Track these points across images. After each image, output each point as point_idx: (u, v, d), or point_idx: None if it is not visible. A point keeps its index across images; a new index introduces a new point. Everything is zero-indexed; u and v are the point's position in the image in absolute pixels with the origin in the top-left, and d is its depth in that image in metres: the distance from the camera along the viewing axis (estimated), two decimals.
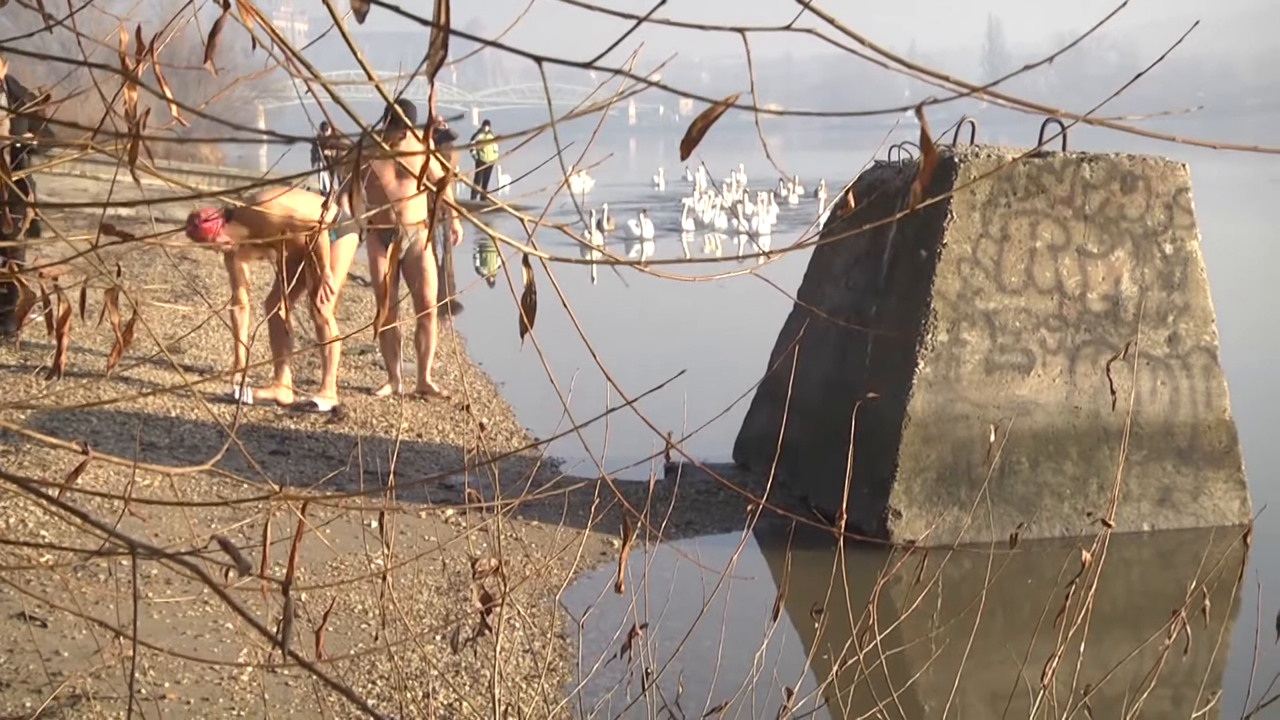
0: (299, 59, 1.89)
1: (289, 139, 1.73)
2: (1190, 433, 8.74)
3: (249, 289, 11.39)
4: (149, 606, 6.38)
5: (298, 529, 2.23)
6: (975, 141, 9.20)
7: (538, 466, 7.05)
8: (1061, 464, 8.51)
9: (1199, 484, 8.72)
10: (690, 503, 9.08)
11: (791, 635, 6.33)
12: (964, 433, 8.37)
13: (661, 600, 4.59)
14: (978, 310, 8.44)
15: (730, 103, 1.70)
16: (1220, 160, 46.66)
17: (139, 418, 9.91)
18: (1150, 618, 7.11)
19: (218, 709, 5.48)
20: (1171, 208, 8.73)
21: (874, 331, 8.74)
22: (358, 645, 6.29)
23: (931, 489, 8.31)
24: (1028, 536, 8.21)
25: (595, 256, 2.37)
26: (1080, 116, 1.84)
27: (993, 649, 5.93)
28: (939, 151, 8.72)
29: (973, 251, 8.44)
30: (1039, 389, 8.51)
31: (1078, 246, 8.58)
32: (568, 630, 6.87)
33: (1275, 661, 3.13)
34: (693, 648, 4.15)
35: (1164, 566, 8.19)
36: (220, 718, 5.42)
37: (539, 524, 8.36)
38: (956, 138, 9.24)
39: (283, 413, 10.63)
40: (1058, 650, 3.45)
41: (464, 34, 1.65)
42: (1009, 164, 8.38)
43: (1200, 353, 8.76)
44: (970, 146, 8.97)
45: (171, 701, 5.48)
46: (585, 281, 19.56)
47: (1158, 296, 8.68)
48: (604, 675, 5.37)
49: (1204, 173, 10.36)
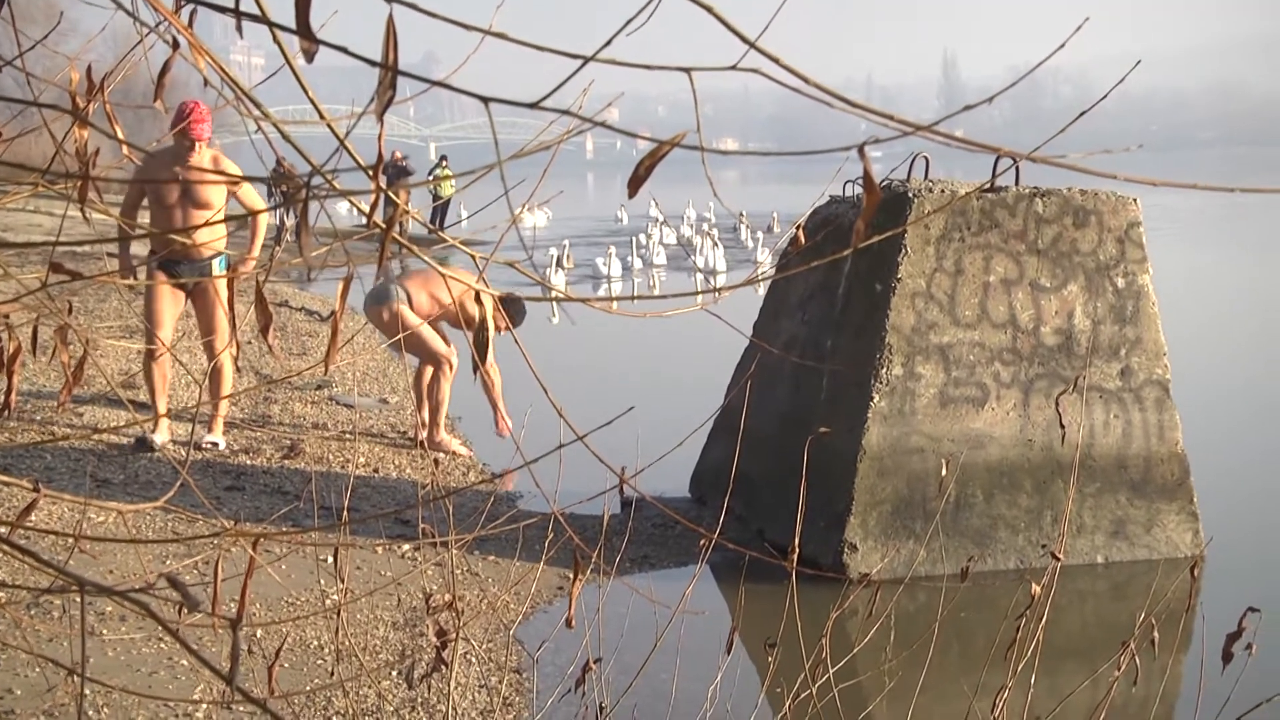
0: (249, 97, 1.90)
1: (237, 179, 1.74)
2: (1143, 465, 8.80)
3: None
4: (103, 644, 6.33)
5: (249, 565, 2.23)
6: (930, 176, 9.26)
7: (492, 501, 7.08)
8: (1016, 497, 8.55)
9: (1152, 516, 8.77)
10: (647, 536, 9.08)
11: (747, 668, 6.34)
12: (919, 466, 8.41)
13: (616, 634, 4.60)
14: (932, 344, 8.48)
15: (676, 142, 1.72)
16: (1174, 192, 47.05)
17: (93, 454, 9.86)
18: (1104, 649, 7.12)
19: None
20: (1123, 242, 8.80)
21: (829, 366, 8.78)
22: (313, 681, 6.26)
23: (887, 522, 8.34)
24: (983, 569, 8.25)
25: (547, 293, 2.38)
26: (1024, 155, 1.87)
27: (947, 681, 5.95)
28: (894, 186, 8.80)
29: (927, 286, 8.49)
30: (993, 422, 8.56)
31: (1031, 280, 8.64)
32: (523, 665, 6.85)
33: (1224, 691, 3.16)
34: (648, 682, 4.15)
35: (1117, 598, 8.23)
36: None
37: (495, 559, 8.35)
38: (910, 173, 9.30)
39: (238, 448, 10.59)
40: (1008, 682, 3.47)
41: (412, 75, 1.66)
42: (962, 198, 8.43)
43: (1153, 386, 8.83)
44: (924, 181, 9.02)
45: None
46: (543, 319, 19.60)
47: (1110, 330, 8.75)
48: (559, 710, 5.37)
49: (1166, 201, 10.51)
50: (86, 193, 1.78)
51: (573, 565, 3.02)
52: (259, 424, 11.55)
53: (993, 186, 8.60)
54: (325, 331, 17.30)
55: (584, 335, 18.62)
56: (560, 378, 2.36)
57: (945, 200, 8.50)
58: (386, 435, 11.67)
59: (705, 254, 30.06)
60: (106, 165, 2.03)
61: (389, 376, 14.68)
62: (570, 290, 25.48)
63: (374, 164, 1.82)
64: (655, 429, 4.05)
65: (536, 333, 10.64)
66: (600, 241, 37.96)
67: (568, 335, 18.84)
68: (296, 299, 20.17)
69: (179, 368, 12.34)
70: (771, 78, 1.70)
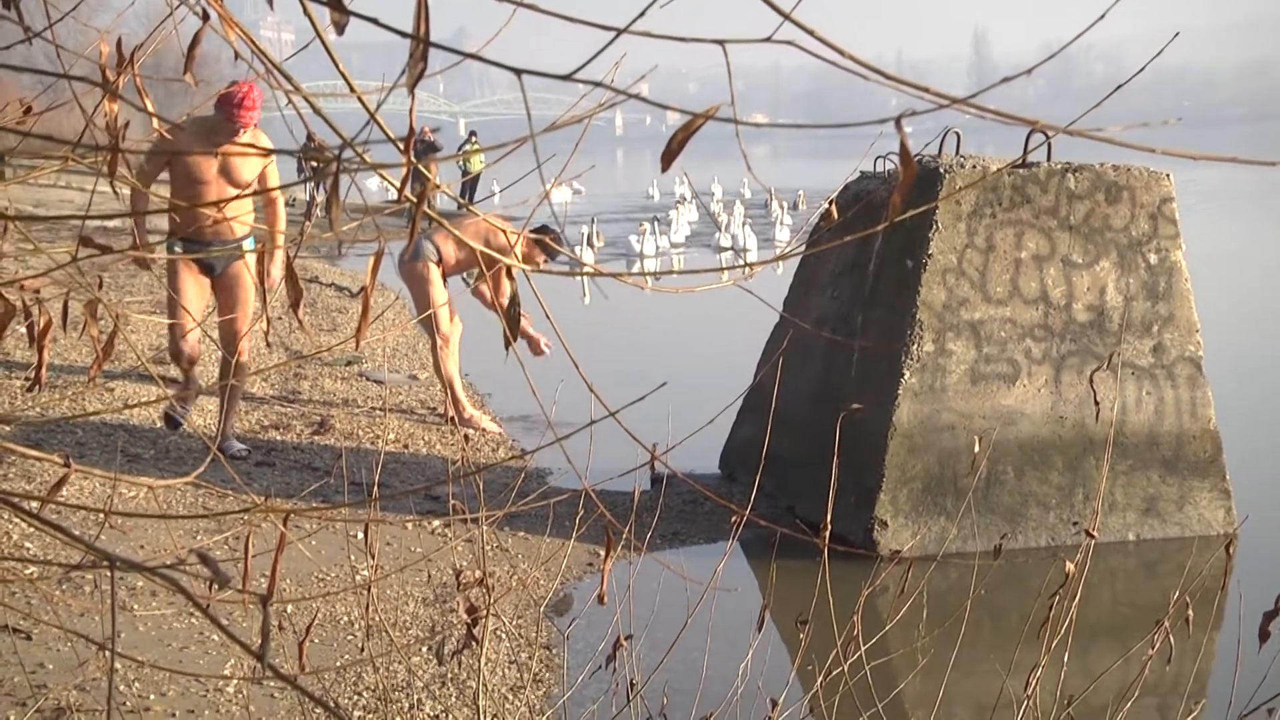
0: (280, 70, 1.89)
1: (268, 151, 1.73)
2: (1175, 442, 8.76)
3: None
4: (134, 619, 6.36)
5: (280, 541, 2.22)
6: (961, 152, 9.22)
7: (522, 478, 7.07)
8: (1047, 474, 8.52)
9: (1184, 494, 8.73)
10: (677, 513, 9.08)
11: (778, 646, 6.33)
12: (950, 443, 8.38)
13: (647, 611, 4.59)
14: (963, 321, 8.44)
15: (711, 115, 1.70)
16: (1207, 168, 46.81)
17: (124, 429, 9.89)
18: (1136, 627, 7.11)
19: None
20: (1156, 218, 8.74)
21: (859, 343, 8.75)
22: (343, 657, 6.27)
23: (918, 499, 8.32)
24: (1014, 546, 8.23)
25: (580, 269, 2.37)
26: (1060, 128, 1.84)
27: (979, 659, 5.93)
28: (925, 162, 8.76)
29: (958, 262, 8.45)
30: (1024, 399, 8.52)
31: (1063, 257, 8.59)
32: (554, 641, 6.86)
33: (1260, 670, 3.13)
34: (679, 658, 4.14)
35: (1149, 576, 8.20)
36: None
37: (525, 535, 8.35)
38: (942, 148, 9.26)
39: (269, 423, 10.61)
40: (1041, 660, 3.45)
41: (444, 46, 1.65)
42: (994, 174, 8.39)
43: (1185, 363, 8.78)
44: (956, 157, 8.98)
45: (156, 714, 5.46)
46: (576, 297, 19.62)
47: (1142, 307, 8.70)
48: (590, 686, 5.37)
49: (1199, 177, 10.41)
50: (116, 166, 1.77)
51: (604, 541, 3.01)
52: (289, 400, 11.57)
53: (1024, 162, 8.55)
54: (355, 307, 17.32)
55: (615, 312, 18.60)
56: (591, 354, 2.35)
57: (977, 176, 8.45)
58: (416, 411, 11.68)
59: (735, 231, 29.80)
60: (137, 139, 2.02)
61: (419, 353, 14.69)
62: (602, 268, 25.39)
63: (404, 138, 1.81)
64: (686, 406, 4.04)
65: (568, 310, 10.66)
66: (631, 218, 37.86)
67: (599, 312, 18.84)
68: (326, 275, 20.20)
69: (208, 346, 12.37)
70: (806, 49, 1.68)
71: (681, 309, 18.38)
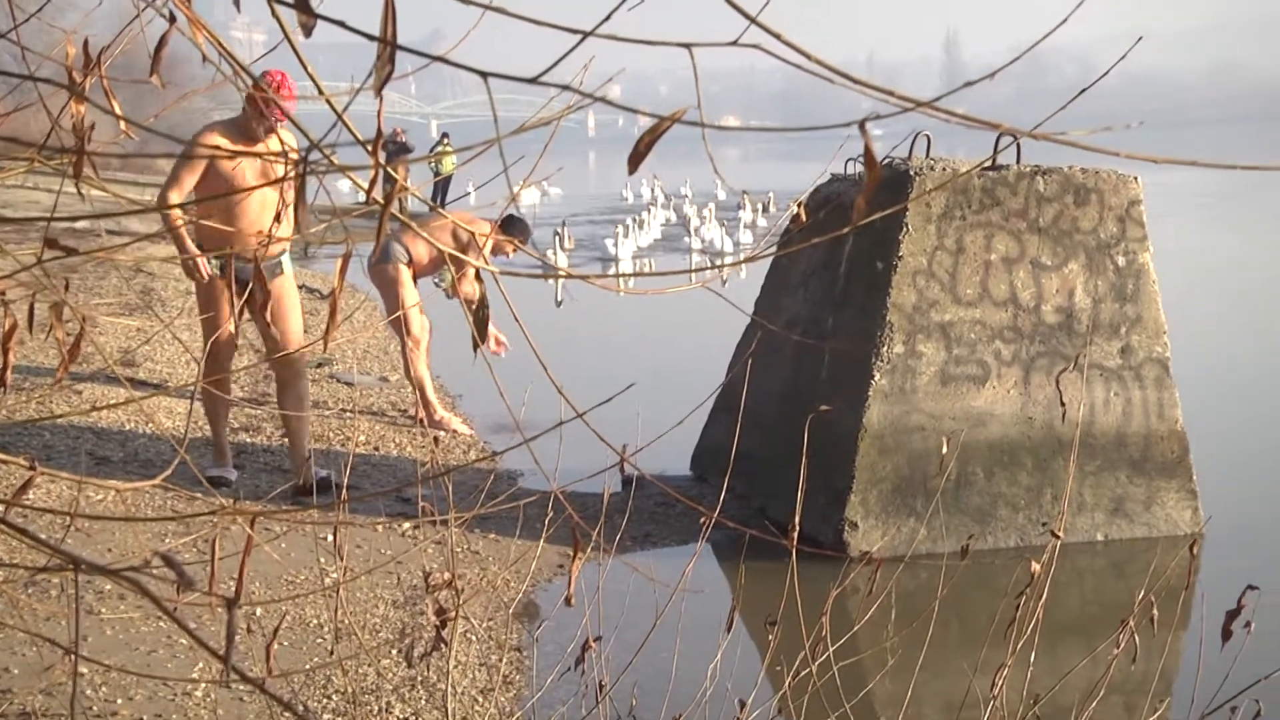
0: (247, 72, 1.89)
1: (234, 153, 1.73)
2: (1143, 443, 8.80)
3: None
4: (102, 623, 6.33)
5: (247, 543, 2.22)
6: (931, 154, 9.25)
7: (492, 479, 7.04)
8: (1016, 475, 8.55)
9: (1151, 494, 8.77)
10: (649, 515, 9.08)
11: (748, 646, 6.34)
12: (920, 444, 8.40)
13: (617, 613, 4.59)
14: (933, 322, 8.47)
15: (676, 118, 1.71)
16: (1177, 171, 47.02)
17: (92, 432, 9.85)
18: (1103, 627, 7.12)
19: None
20: (1124, 220, 8.78)
21: (830, 344, 8.77)
22: (312, 660, 6.26)
23: (888, 500, 8.34)
24: (983, 547, 8.26)
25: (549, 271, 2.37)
26: (1025, 132, 1.86)
27: (948, 659, 5.95)
28: (895, 165, 8.78)
29: (928, 264, 8.48)
30: (994, 400, 8.55)
31: (1032, 259, 8.62)
32: (524, 643, 6.86)
33: (1223, 668, 3.15)
34: (648, 659, 4.15)
35: (1117, 576, 8.23)
36: None
37: (495, 537, 8.35)
38: (912, 151, 9.28)
39: (238, 426, 10.58)
40: (1007, 660, 3.47)
41: (410, 49, 1.65)
42: (962, 176, 8.42)
43: (1153, 364, 8.82)
44: (926, 160, 9.01)
45: (123, 718, 5.44)
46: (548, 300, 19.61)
47: (1111, 308, 8.74)
48: (559, 688, 5.37)
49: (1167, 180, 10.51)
50: (82, 168, 1.77)
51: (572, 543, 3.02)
52: (259, 402, 11.54)
53: (994, 164, 8.59)
54: (325, 309, 17.30)
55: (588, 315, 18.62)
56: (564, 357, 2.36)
57: (946, 178, 8.48)
58: (387, 413, 11.66)
59: (709, 234, 29.65)
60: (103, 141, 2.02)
61: (390, 355, 14.66)
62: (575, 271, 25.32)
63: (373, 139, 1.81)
64: (656, 407, 4.05)
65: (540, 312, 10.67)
66: (605, 219, 37.82)
67: (571, 315, 18.86)
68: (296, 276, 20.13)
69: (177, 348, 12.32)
70: (772, 53, 1.69)
71: (654, 311, 18.41)
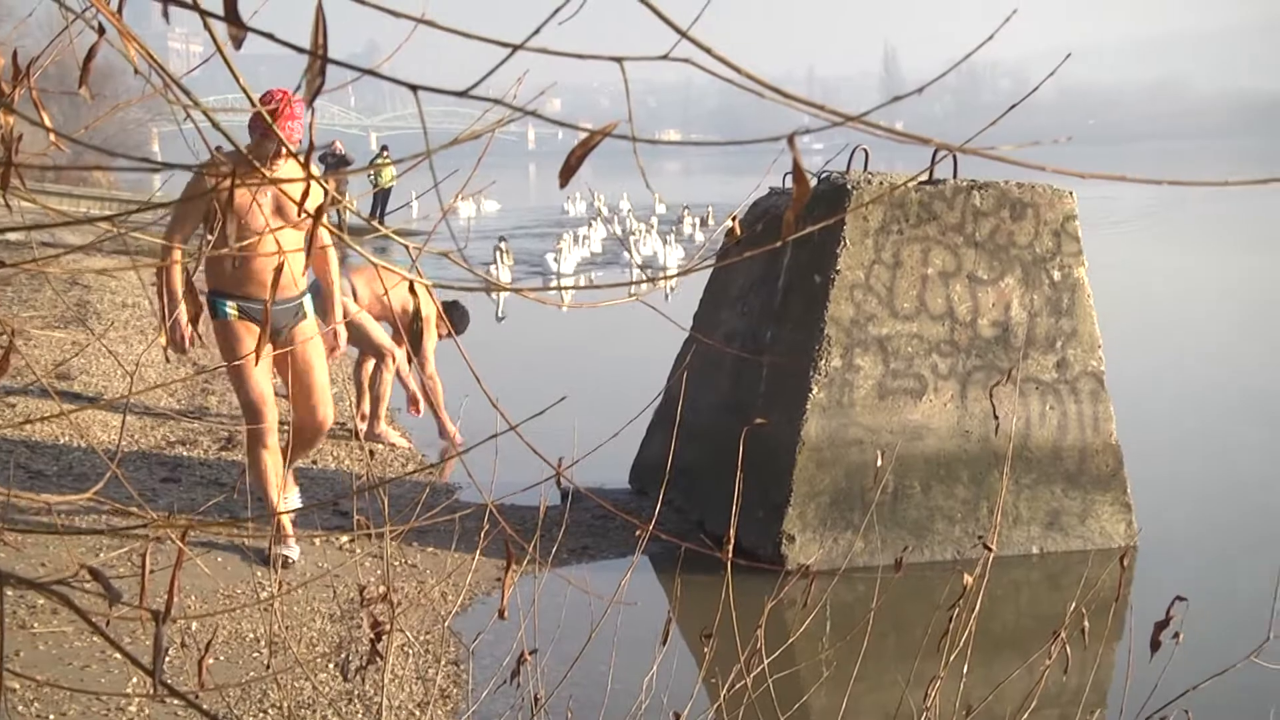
0: (178, 84, 1.88)
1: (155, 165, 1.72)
2: (1078, 457, 8.86)
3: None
4: (35, 637, 6.28)
5: (178, 557, 2.21)
6: (870, 169, 9.30)
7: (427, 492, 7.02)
8: (953, 488, 8.60)
9: (1086, 507, 8.84)
10: (587, 528, 9.08)
11: (684, 658, 6.34)
12: (858, 457, 8.43)
13: (554, 626, 4.59)
14: (870, 336, 8.51)
15: (608, 132, 1.71)
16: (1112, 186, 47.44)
17: (25, 446, 9.76)
18: (1038, 639, 7.16)
19: None
20: (1059, 235, 8.85)
21: (768, 358, 8.79)
22: (249, 674, 6.22)
23: (825, 513, 8.36)
24: (920, 560, 8.30)
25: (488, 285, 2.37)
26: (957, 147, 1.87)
27: (883, 671, 5.98)
28: (832, 179, 8.82)
29: (865, 278, 8.52)
30: (931, 414, 8.60)
31: (968, 273, 8.68)
32: (460, 657, 6.84)
33: (1153, 679, 3.18)
34: (585, 672, 4.15)
35: (1052, 588, 8.29)
36: None
37: (434, 550, 8.32)
38: (850, 165, 9.33)
39: (175, 440, 10.51)
40: (941, 672, 3.49)
41: (341, 63, 1.65)
42: (898, 189, 8.46)
43: (1088, 378, 8.89)
44: (863, 174, 9.06)
45: None
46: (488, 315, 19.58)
47: (1046, 323, 8.80)
48: (496, 701, 5.36)
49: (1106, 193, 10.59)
50: (9, 179, 1.76)
51: (517, 554, 3.02)
52: (196, 415, 11.47)
53: (930, 179, 8.64)
54: None
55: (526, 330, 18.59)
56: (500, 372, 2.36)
57: (882, 192, 8.53)
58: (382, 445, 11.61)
59: (650, 248, 29.60)
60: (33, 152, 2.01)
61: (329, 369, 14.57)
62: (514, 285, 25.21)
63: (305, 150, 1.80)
64: (595, 421, 4.05)
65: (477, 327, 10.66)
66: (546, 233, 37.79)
67: (509, 330, 18.83)
68: None
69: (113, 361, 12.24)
70: (703, 68, 1.69)
71: (594, 325, 18.42)
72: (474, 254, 25.76)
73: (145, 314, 15.99)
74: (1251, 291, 23.75)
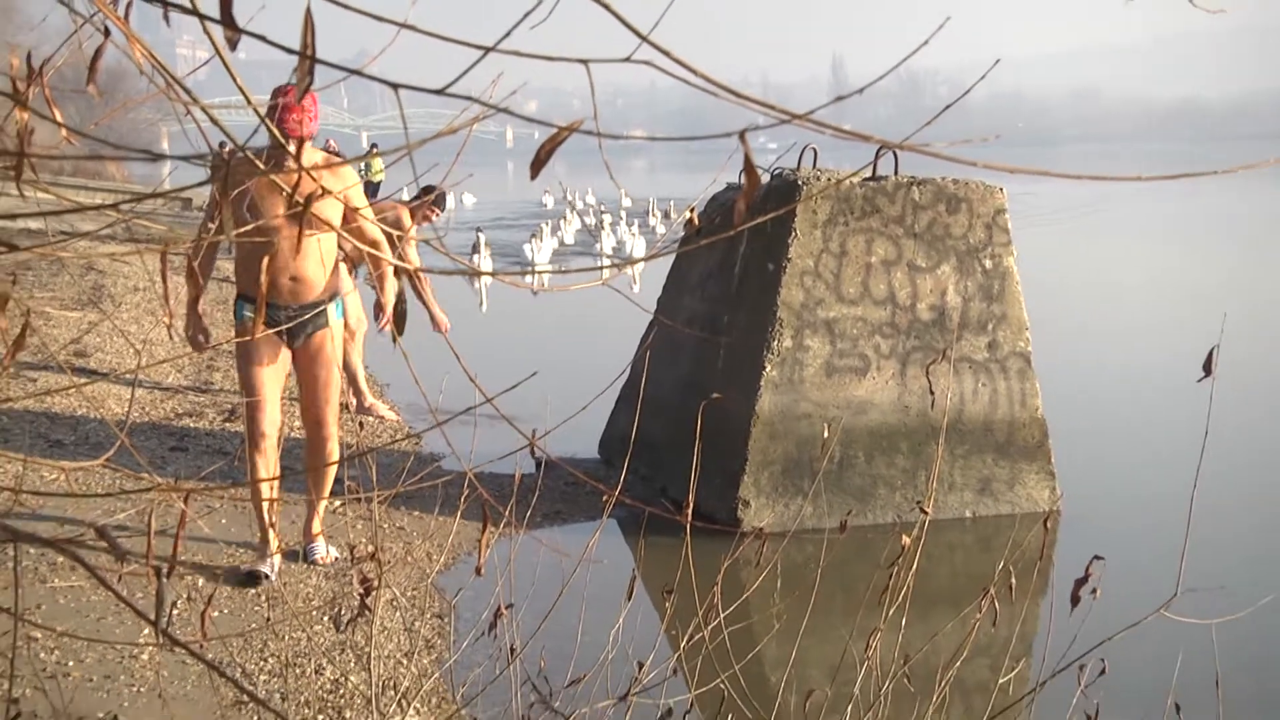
0: (179, 84, 1.86)
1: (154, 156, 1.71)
2: (1007, 429, 8.90)
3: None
4: (55, 592, 6.26)
5: (181, 518, 2.20)
6: (818, 167, 9.30)
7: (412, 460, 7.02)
8: (894, 458, 8.62)
9: (1014, 475, 8.88)
10: (559, 494, 9.07)
11: (648, 613, 6.34)
12: (807, 429, 8.45)
13: (529, 583, 4.58)
14: (819, 319, 8.52)
15: (574, 128, 1.70)
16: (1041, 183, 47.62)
17: (46, 417, 9.72)
18: (970, 595, 7.21)
19: (119, 685, 5.39)
20: (991, 227, 8.87)
21: (725, 339, 8.80)
22: (250, 626, 6.21)
23: (777, 480, 8.38)
24: (863, 523, 8.33)
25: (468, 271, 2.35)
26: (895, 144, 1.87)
27: (829, 625, 6.00)
28: (784, 175, 8.82)
29: (815, 266, 8.52)
30: (874, 390, 8.62)
31: (908, 261, 8.69)
32: (444, 611, 6.83)
33: (1073, 631, 3.20)
34: (556, 625, 4.14)
35: (983, 550, 8.32)
36: (121, 694, 5.33)
37: (419, 514, 8.31)
38: (800, 162, 9.34)
39: (183, 411, 10.46)
40: (881, 625, 3.50)
41: (329, 63, 1.64)
42: (843, 181, 8.48)
43: (1016, 358, 8.92)
44: (813, 170, 9.07)
45: (75, 679, 5.38)
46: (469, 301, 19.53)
47: (978, 307, 8.83)
48: (475, 651, 5.35)
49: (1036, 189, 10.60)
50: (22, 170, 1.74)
51: (495, 517, 3.01)
52: (202, 389, 11.42)
53: (874, 175, 8.66)
54: None
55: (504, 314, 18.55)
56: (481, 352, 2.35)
57: (830, 187, 8.53)
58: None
59: (619, 237, 29.59)
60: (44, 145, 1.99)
61: None
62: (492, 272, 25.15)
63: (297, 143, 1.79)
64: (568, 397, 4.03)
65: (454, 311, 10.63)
66: (523, 224, 37.74)
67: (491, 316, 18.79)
68: None
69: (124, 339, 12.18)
70: (663, 70, 1.68)
71: (566, 309, 18.40)
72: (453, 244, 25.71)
73: (154, 297, 15.92)
74: (1166, 277, 23.87)
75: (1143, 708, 3.71)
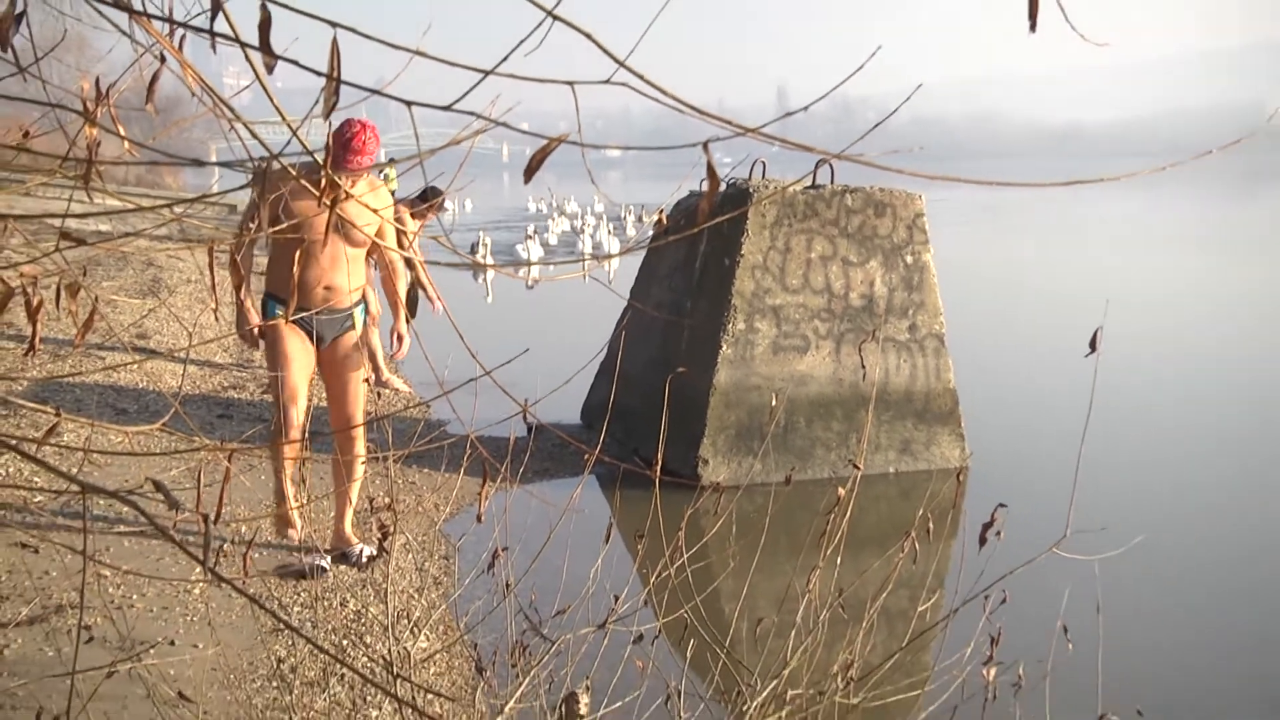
0: (225, 104, 1.85)
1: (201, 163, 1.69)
2: (925, 398, 8.92)
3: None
4: (121, 537, 6.23)
5: (226, 474, 2.18)
6: (767, 177, 9.29)
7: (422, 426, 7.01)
8: (830, 423, 8.63)
9: (931, 437, 8.90)
10: (547, 454, 9.05)
11: (622, 555, 6.34)
12: (757, 399, 8.45)
13: (522, 529, 4.58)
14: (767, 305, 8.52)
15: (562, 139, 1.69)
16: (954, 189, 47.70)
17: (113, 389, 9.66)
18: (894, 538, 7.23)
19: (174, 615, 5.38)
20: (911, 228, 8.88)
21: (688, 322, 8.79)
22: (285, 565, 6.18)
23: (732, 442, 8.38)
24: (804, 478, 8.34)
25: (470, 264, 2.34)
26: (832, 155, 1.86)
27: (776, 564, 6.00)
28: (738, 184, 8.80)
29: (763, 260, 8.52)
30: (813, 365, 8.62)
31: (842, 257, 8.70)
32: (449, 553, 6.82)
33: (980, 567, 3.21)
34: (545, 564, 4.13)
35: (905, 500, 8.34)
36: (176, 622, 5.31)
37: (429, 471, 8.29)
38: (751, 174, 9.32)
39: (228, 385, 10.41)
40: (819, 563, 3.50)
41: (351, 83, 1.63)
42: (788, 188, 8.47)
43: (932, 338, 8.94)
44: (762, 180, 9.06)
45: (138, 610, 5.37)
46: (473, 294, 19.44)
47: (901, 296, 8.84)
48: (476, 587, 5.34)
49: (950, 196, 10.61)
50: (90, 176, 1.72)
51: (494, 474, 3.00)
52: (244, 366, 11.36)
53: (814, 184, 8.66)
54: None
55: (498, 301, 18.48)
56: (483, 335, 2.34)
57: (776, 194, 8.53)
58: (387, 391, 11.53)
59: (598, 237, 29.58)
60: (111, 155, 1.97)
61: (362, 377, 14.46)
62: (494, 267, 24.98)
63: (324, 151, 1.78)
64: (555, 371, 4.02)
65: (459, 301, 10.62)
66: (516, 226, 37.64)
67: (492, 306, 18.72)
68: None
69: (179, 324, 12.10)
70: (638, 90, 1.68)
71: (554, 299, 18.35)
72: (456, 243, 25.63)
73: (203, 288, 15.83)
74: (1058, 269, 23.93)
75: (1039, 630, 3.73)
